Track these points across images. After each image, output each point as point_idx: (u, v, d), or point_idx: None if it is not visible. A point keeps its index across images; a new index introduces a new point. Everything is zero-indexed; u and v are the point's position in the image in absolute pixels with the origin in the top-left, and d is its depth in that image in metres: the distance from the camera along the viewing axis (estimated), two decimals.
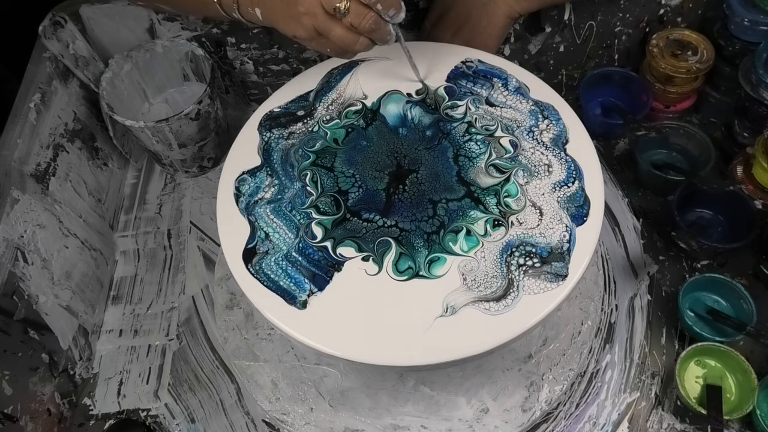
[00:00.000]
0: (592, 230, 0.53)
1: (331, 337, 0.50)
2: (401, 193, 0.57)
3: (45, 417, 0.69)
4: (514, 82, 0.63)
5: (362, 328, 0.50)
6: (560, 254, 0.52)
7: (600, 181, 0.56)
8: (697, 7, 0.85)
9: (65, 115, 0.81)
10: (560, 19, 0.83)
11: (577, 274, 0.51)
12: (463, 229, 0.54)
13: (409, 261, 0.52)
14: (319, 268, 0.53)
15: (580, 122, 0.60)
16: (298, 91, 0.65)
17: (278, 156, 0.60)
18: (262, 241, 0.55)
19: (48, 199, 0.74)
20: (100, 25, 0.85)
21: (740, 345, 0.68)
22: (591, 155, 0.57)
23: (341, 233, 0.55)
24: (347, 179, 0.58)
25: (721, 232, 0.76)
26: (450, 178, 0.57)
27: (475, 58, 0.65)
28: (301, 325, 0.50)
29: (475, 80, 0.64)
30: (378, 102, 0.63)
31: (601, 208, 0.54)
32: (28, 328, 0.68)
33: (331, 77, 0.66)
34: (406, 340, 0.49)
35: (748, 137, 0.80)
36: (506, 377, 0.63)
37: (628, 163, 0.84)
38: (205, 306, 0.78)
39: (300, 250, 0.54)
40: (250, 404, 0.70)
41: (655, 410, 0.67)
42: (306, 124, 0.62)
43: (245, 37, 0.87)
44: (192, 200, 0.88)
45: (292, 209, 0.57)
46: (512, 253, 0.52)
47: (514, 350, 0.64)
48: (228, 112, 0.95)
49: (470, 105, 0.62)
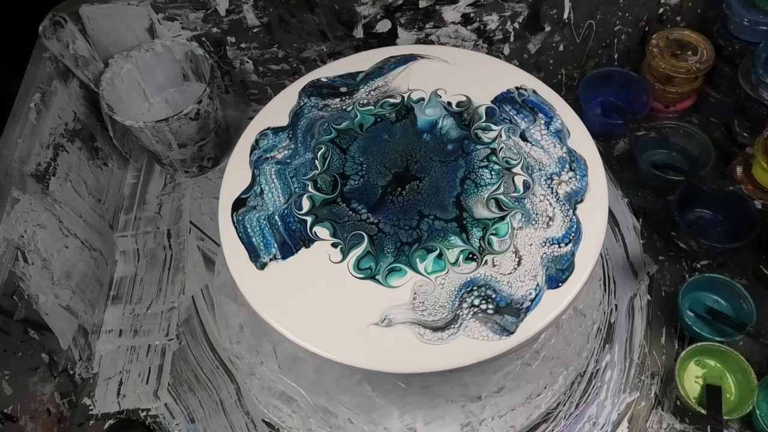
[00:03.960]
0: (562, 298, 0.50)
1: (272, 304, 0.52)
2: (396, 196, 0.57)
3: (45, 417, 0.69)
4: (557, 123, 0.60)
5: (301, 307, 0.52)
6: (517, 310, 0.49)
7: (595, 253, 0.52)
8: (697, 6, 0.85)
9: (65, 115, 0.81)
10: (560, 18, 0.83)
11: (524, 336, 0.48)
12: (436, 250, 0.53)
13: (371, 262, 0.53)
14: (291, 238, 0.55)
15: (606, 183, 0.56)
16: (350, 68, 0.66)
17: (305, 123, 0.62)
18: (256, 196, 0.58)
19: (48, 199, 0.74)
20: (100, 25, 0.85)
21: (740, 345, 0.68)
22: (600, 222, 0.54)
23: (325, 213, 0.56)
24: (354, 165, 0.59)
25: (721, 232, 0.76)
26: (448, 198, 0.56)
27: (531, 88, 0.63)
28: (253, 283, 0.53)
29: (521, 110, 0.61)
30: (417, 101, 0.63)
31: (582, 280, 0.51)
32: (28, 328, 0.68)
33: (386, 64, 0.66)
34: (335, 334, 0.50)
35: (747, 137, 0.80)
36: (447, 407, 0.61)
37: (628, 163, 0.84)
38: (204, 306, 0.78)
39: (283, 216, 0.56)
40: (250, 404, 0.70)
41: (655, 410, 0.67)
42: (343, 102, 0.64)
43: (245, 36, 0.87)
44: (192, 200, 0.88)
45: (294, 176, 0.58)
46: (471, 291, 0.51)
47: (465, 385, 0.62)
48: (228, 112, 0.95)
49: (503, 133, 0.60)
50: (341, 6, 0.83)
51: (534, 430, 0.64)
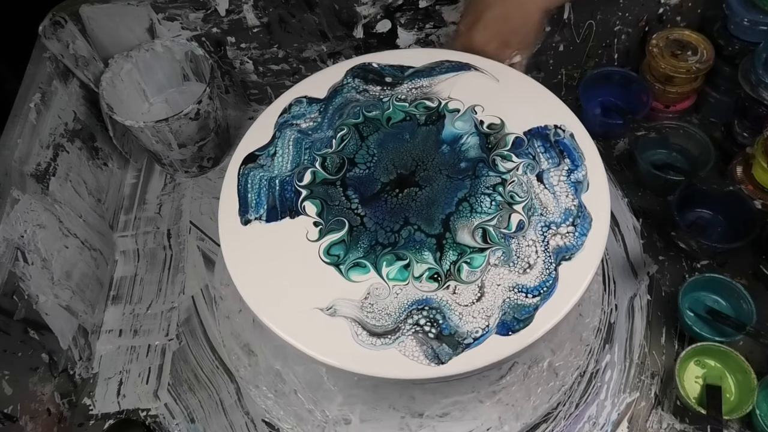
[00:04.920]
0: (505, 347, 0.48)
1: (241, 260, 0.54)
2: (392, 196, 0.57)
3: (45, 417, 0.69)
4: (580, 174, 0.57)
5: (263, 270, 0.54)
6: (457, 342, 0.48)
7: (559, 315, 0.49)
8: (697, 6, 0.85)
9: (65, 115, 0.81)
10: (560, 18, 0.83)
11: (453, 370, 0.47)
12: (406, 259, 0.53)
13: (341, 250, 0.53)
14: (282, 205, 0.57)
15: (604, 247, 0.53)
16: (402, 61, 0.66)
17: (339, 102, 0.63)
18: (267, 156, 0.60)
19: (48, 199, 0.74)
20: (100, 25, 0.85)
21: (740, 345, 0.68)
22: (578, 286, 0.51)
23: (320, 192, 0.57)
24: (366, 155, 0.60)
25: (721, 232, 0.76)
26: (438, 213, 0.55)
27: (570, 131, 0.59)
28: (232, 235, 0.56)
29: (549, 149, 0.58)
30: (452, 111, 0.62)
31: (534, 337, 0.48)
32: (28, 327, 0.68)
33: (439, 66, 0.65)
34: (281, 306, 0.52)
35: (747, 137, 0.80)
36: (387, 413, 0.61)
37: (628, 163, 0.84)
38: (204, 306, 0.78)
39: (282, 182, 0.58)
40: (250, 404, 0.70)
41: (655, 410, 0.67)
42: (383, 91, 0.64)
43: (245, 36, 0.87)
44: (192, 200, 0.88)
45: (309, 148, 0.60)
46: (421, 310, 0.50)
47: (413, 398, 0.61)
48: (228, 112, 0.95)
49: (521, 167, 0.57)
50: (341, 6, 0.83)
51: (534, 430, 0.64)
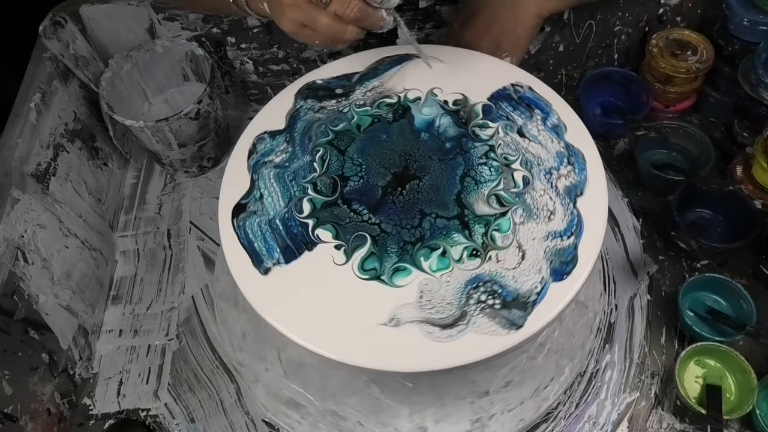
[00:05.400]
0: (567, 290, 0.50)
1: (278, 309, 0.51)
2: (396, 196, 0.56)
3: (45, 417, 0.69)
4: (554, 118, 0.60)
5: (308, 310, 0.51)
6: (524, 303, 0.49)
7: (598, 244, 0.52)
8: (697, 6, 0.85)
9: (65, 115, 0.82)
10: (559, 18, 0.83)
11: (533, 329, 0.49)
12: (440, 248, 0.53)
13: (376, 262, 0.52)
14: (294, 242, 0.54)
15: (604, 175, 0.56)
16: (345, 70, 0.66)
17: (302, 126, 0.62)
18: (255, 201, 0.57)
19: (48, 198, 0.74)
20: (100, 25, 0.85)
21: (740, 345, 0.68)
22: (600, 214, 0.54)
23: (326, 216, 0.55)
24: (353, 167, 0.58)
25: (721, 232, 0.76)
26: (449, 196, 0.56)
27: (527, 84, 0.63)
28: (257, 289, 0.52)
29: (517, 106, 0.61)
30: (413, 101, 0.63)
31: (587, 272, 0.51)
32: (28, 327, 0.68)
33: (381, 64, 0.66)
34: (343, 336, 0.49)
35: (747, 137, 0.80)
36: (456, 405, 0.61)
37: (628, 163, 0.84)
38: (204, 306, 0.78)
39: (284, 219, 0.56)
40: (250, 404, 0.70)
41: (655, 410, 0.67)
42: (339, 103, 0.63)
43: (245, 37, 0.87)
44: (192, 200, 0.88)
45: (293, 179, 0.58)
46: (477, 287, 0.50)
47: (474, 382, 0.62)
48: (228, 112, 0.95)
49: (500, 130, 0.60)
50: None
51: (534, 429, 0.64)
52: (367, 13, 0.53)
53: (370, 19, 0.53)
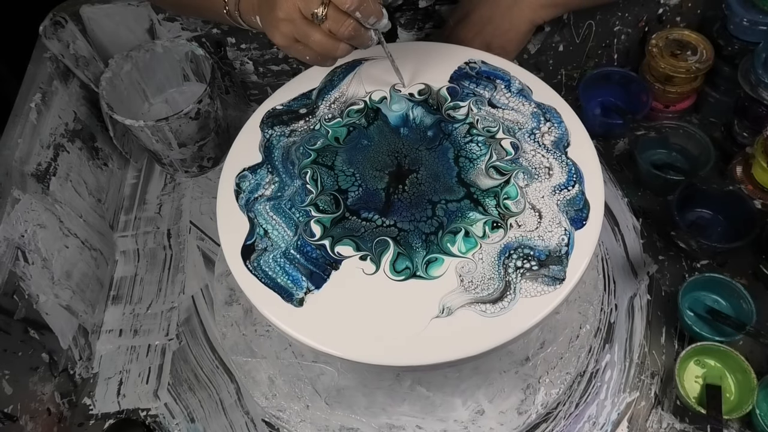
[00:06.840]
0: (591, 234, 0.53)
1: (327, 336, 0.50)
2: (401, 193, 0.57)
3: (45, 416, 0.69)
4: (516, 84, 0.63)
5: (358, 327, 0.50)
6: (558, 257, 0.51)
7: (600, 184, 0.55)
8: (696, 6, 0.85)
9: (66, 115, 0.82)
10: (559, 18, 0.83)
11: (575, 278, 0.50)
12: (461, 230, 0.54)
13: (406, 261, 0.52)
14: (317, 266, 0.53)
15: (582, 125, 0.59)
16: (300, 89, 0.65)
17: (279, 153, 0.61)
18: (261, 238, 0.55)
19: (48, 198, 0.75)
20: (101, 25, 0.85)
21: (740, 345, 0.68)
22: (592, 158, 0.57)
23: (340, 232, 0.55)
24: (347, 178, 0.58)
25: (721, 232, 0.76)
26: (450, 179, 0.57)
27: (479, 59, 0.65)
28: (298, 322, 0.50)
29: (478, 81, 0.63)
30: (380, 101, 0.63)
31: (601, 212, 0.54)
32: (29, 327, 0.68)
33: (334, 75, 0.66)
34: (402, 340, 0.49)
35: (747, 137, 0.80)
36: (503, 379, 0.62)
37: (628, 163, 0.85)
38: (204, 306, 0.78)
39: (298, 247, 0.54)
40: (250, 404, 0.70)
41: (655, 410, 0.67)
42: (308, 122, 0.63)
43: (245, 37, 0.87)
44: (192, 200, 0.88)
45: (292, 207, 0.57)
46: (510, 256, 0.52)
47: (511, 353, 0.63)
48: (228, 112, 0.95)
49: (472, 106, 0.62)
50: None
51: (534, 429, 0.64)
52: (360, 32, 0.53)
53: (361, 38, 0.54)
